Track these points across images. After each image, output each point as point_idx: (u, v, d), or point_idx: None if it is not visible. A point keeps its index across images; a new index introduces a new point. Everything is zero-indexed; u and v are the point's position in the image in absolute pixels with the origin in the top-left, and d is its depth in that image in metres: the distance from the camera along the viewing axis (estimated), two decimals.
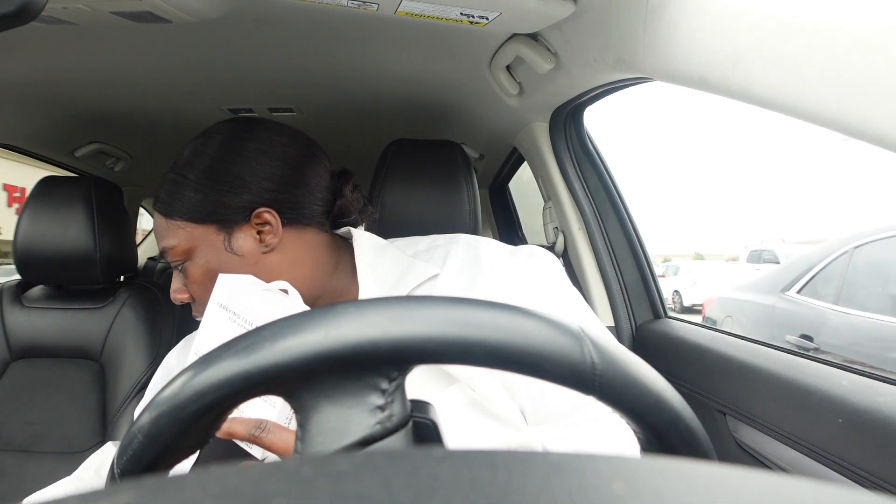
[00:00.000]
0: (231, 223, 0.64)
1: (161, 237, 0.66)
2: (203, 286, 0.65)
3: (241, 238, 0.64)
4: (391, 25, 0.90)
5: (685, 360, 0.96)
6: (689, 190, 30.41)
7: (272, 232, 0.65)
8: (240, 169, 0.64)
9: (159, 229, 0.66)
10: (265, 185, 0.64)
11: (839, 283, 2.66)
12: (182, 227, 0.64)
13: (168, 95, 1.25)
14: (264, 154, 0.65)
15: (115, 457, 0.30)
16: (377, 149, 1.04)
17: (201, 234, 0.64)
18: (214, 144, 0.65)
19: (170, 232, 0.65)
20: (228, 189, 0.63)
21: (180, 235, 0.64)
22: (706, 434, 0.30)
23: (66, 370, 1.17)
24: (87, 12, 0.79)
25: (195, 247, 0.64)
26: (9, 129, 1.37)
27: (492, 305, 0.28)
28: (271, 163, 0.65)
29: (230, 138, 0.65)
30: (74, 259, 1.14)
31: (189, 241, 0.64)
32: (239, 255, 0.64)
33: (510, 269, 0.65)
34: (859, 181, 15.92)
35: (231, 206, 0.63)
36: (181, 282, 0.67)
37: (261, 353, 0.27)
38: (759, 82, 0.52)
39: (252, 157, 0.64)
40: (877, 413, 0.59)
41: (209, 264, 0.64)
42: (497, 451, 0.15)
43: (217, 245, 0.64)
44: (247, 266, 0.64)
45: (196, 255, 0.65)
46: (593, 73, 0.88)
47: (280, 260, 0.66)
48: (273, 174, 0.65)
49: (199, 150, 0.65)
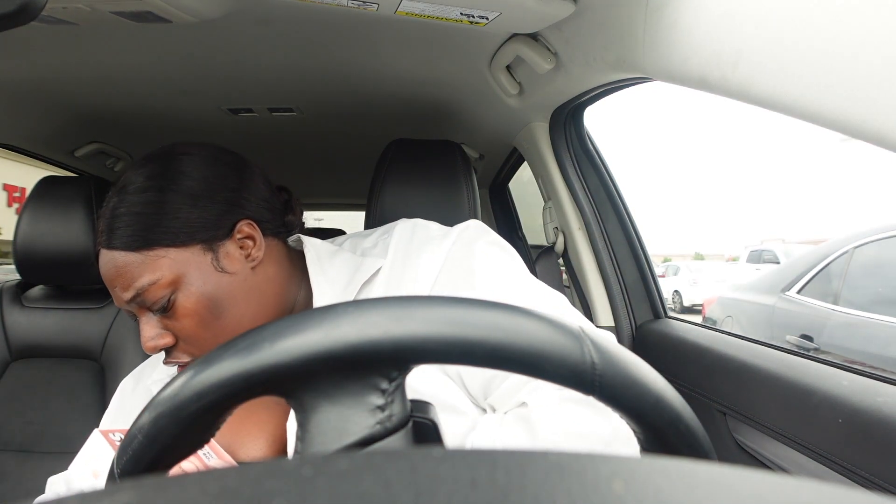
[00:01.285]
0: (216, 240, 0.61)
1: (131, 277, 0.58)
2: (198, 319, 0.59)
3: (227, 255, 0.61)
4: (391, 25, 0.90)
5: (685, 360, 0.96)
6: (689, 190, 30.26)
7: (256, 245, 0.63)
8: (222, 183, 0.62)
9: (126, 269, 0.58)
10: (244, 197, 0.63)
11: (839, 284, 2.66)
12: (164, 256, 0.58)
13: (168, 95, 1.25)
14: (234, 169, 0.64)
15: (115, 457, 0.30)
16: (377, 149, 1.04)
17: (187, 257, 0.59)
18: (192, 163, 0.62)
19: (147, 266, 0.58)
20: (210, 204, 0.61)
21: (163, 266, 0.58)
22: (706, 434, 0.30)
23: (66, 370, 1.17)
24: (87, 12, 0.79)
25: (183, 274, 0.59)
26: (9, 129, 1.37)
27: (492, 305, 0.28)
28: (244, 176, 0.65)
29: (207, 157, 0.64)
30: (74, 259, 1.14)
31: (174, 269, 0.58)
32: (231, 273, 0.61)
33: (441, 250, 0.63)
34: (859, 181, 15.83)
35: (217, 221, 0.61)
36: (159, 326, 0.60)
37: (261, 353, 0.27)
38: (759, 82, 0.52)
39: (228, 173, 0.64)
40: (877, 413, 0.59)
41: (202, 289, 0.59)
42: (497, 451, 0.15)
43: (206, 266, 0.60)
44: (238, 284, 0.61)
45: (185, 283, 0.59)
46: (593, 73, 0.88)
47: (265, 274, 0.64)
48: (248, 187, 0.64)
49: (167, 171, 0.61)
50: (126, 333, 1.18)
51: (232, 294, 0.61)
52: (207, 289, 0.59)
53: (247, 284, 0.62)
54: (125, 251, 0.58)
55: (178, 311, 0.59)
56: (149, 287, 0.58)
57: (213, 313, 0.60)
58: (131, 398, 0.74)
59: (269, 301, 0.64)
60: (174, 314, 0.59)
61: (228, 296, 0.61)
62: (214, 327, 0.60)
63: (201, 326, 0.60)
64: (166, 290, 0.58)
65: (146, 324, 0.60)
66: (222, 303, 0.60)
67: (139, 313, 0.60)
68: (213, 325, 0.60)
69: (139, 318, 0.61)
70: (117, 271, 0.59)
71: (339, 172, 2.02)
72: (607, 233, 1.20)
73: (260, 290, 0.63)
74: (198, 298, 0.59)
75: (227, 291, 0.60)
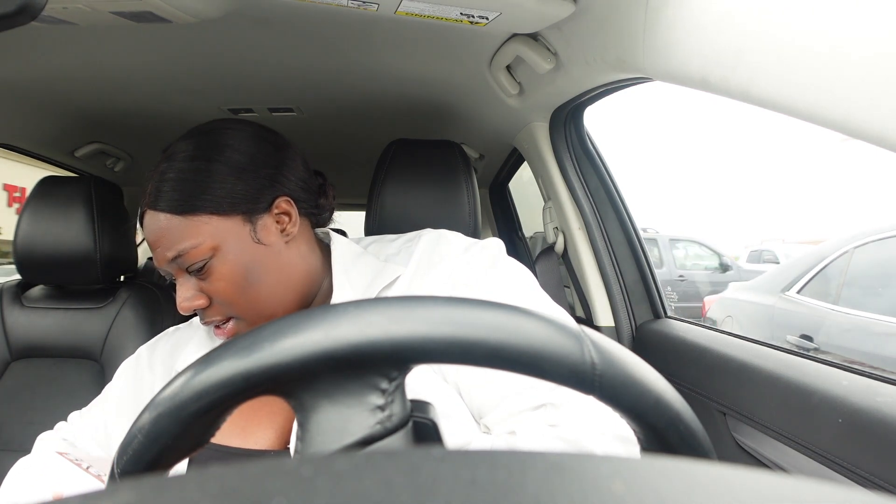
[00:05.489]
0: (255, 212, 0.64)
1: (174, 240, 0.61)
2: (233, 284, 0.62)
3: (264, 228, 0.64)
4: (391, 25, 0.90)
5: (685, 360, 0.96)
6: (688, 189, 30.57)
7: (291, 221, 0.66)
8: (266, 159, 0.65)
9: (170, 231, 0.61)
10: (285, 175, 0.66)
11: (839, 284, 2.66)
12: (206, 223, 0.61)
13: (168, 95, 1.25)
14: (276, 147, 0.67)
15: (115, 457, 0.30)
16: (377, 149, 1.05)
17: (228, 226, 0.62)
18: (238, 137, 0.65)
19: (190, 230, 0.61)
20: (253, 178, 0.63)
21: (205, 232, 0.61)
22: (706, 434, 0.30)
23: (66, 370, 1.17)
24: (87, 12, 0.79)
25: (223, 241, 0.62)
26: (9, 129, 1.37)
27: (492, 305, 0.28)
28: (286, 154, 0.67)
29: (252, 134, 0.66)
30: (74, 259, 1.14)
31: (215, 236, 0.61)
32: (266, 245, 0.64)
33: (460, 263, 0.65)
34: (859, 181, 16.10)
35: (258, 194, 0.63)
36: (194, 288, 0.63)
37: (261, 352, 0.27)
38: (760, 82, 0.52)
39: (272, 150, 0.66)
40: (877, 413, 0.59)
41: (239, 258, 0.62)
42: (497, 451, 0.15)
43: (244, 236, 0.63)
44: (272, 256, 0.64)
45: (224, 250, 0.62)
46: (593, 73, 0.88)
47: (296, 251, 0.67)
48: (289, 166, 0.67)
49: (215, 143, 0.64)
50: (126, 333, 1.18)
51: (265, 264, 0.64)
52: (243, 257, 0.63)
53: (280, 257, 0.65)
54: (170, 213, 0.61)
55: (213, 275, 0.62)
56: (190, 250, 0.61)
57: (247, 280, 0.63)
58: (149, 374, 0.74)
59: (297, 276, 0.67)
60: (210, 277, 0.62)
61: (261, 266, 0.64)
62: (247, 293, 0.63)
63: (234, 291, 0.63)
64: (205, 255, 0.61)
65: (182, 285, 0.63)
66: (255, 272, 0.63)
67: (177, 274, 0.64)
68: (246, 291, 0.63)
69: (176, 279, 0.64)
70: (161, 232, 0.62)
71: (340, 172, 2.02)
72: (607, 233, 1.20)
73: (291, 264, 0.66)
74: (234, 265, 0.62)
75: (260, 262, 0.63)
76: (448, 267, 0.65)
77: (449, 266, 0.65)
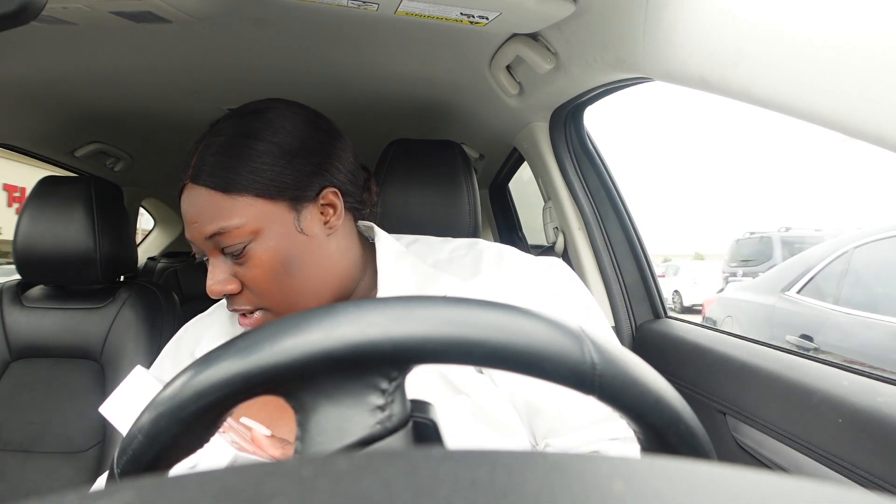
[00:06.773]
0: (302, 200, 0.61)
1: (215, 216, 0.58)
2: (269, 272, 0.59)
3: (308, 218, 0.62)
4: (391, 25, 0.89)
5: (685, 360, 0.96)
6: (689, 189, 30.23)
7: (336, 214, 0.64)
8: (318, 146, 0.63)
9: (211, 208, 0.58)
10: (335, 165, 0.64)
11: (839, 284, 2.66)
12: (251, 204, 0.58)
13: (168, 95, 1.25)
14: (329, 136, 0.65)
15: (115, 457, 0.30)
16: (377, 149, 1.04)
17: (273, 211, 0.59)
18: (293, 120, 0.63)
19: (235, 209, 0.58)
20: (304, 165, 0.61)
21: (248, 213, 0.58)
22: (706, 434, 0.30)
23: (66, 370, 1.17)
24: (87, 12, 0.79)
25: (265, 226, 0.59)
26: (9, 129, 1.37)
27: (492, 305, 0.28)
28: (338, 145, 0.65)
29: (306, 118, 0.64)
30: (74, 259, 1.14)
31: (258, 219, 0.59)
32: (308, 236, 0.61)
33: (537, 280, 0.65)
34: (859, 181, 15.75)
35: (306, 182, 0.61)
36: (228, 271, 0.60)
37: (261, 353, 0.27)
38: (759, 82, 0.52)
39: (325, 138, 0.64)
40: (877, 413, 0.59)
41: (280, 245, 0.60)
42: (497, 451, 0.15)
43: (288, 224, 0.60)
44: (313, 247, 0.62)
45: (265, 235, 0.59)
46: (593, 73, 0.88)
47: (336, 245, 0.65)
48: (340, 157, 0.65)
49: (268, 122, 0.62)
50: (126, 333, 1.18)
51: (304, 256, 0.61)
52: (284, 245, 0.60)
53: (320, 250, 0.63)
54: (211, 189, 0.58)
55: (251, 259, 0.59)
56: (232, 230, 0.58)
57: (285, 269, 0.60)
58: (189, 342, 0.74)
59: (336, 271, 0.65)
60: (246, 262, 0.59)
61: (301, 257, 0.61)
62: (282, 283, 0.61)
63: (270, 279, 0.60)
64: (246, 238, 0.58)
65: (216, 266, 0.60)
66: (294, 262, 0.61)
67: (211, 254, 0.60)
68: (282, 280, 0.61)
69: (210, 259, 0.61)
70: (200, 207, 0.59)
71: None
72: (607, 233, 1.20)
73: (331, 258, 0.64)
74: (273, 253, 0.59)
75: (300, 252, 0.61)
76: (524, 280, 0.64)
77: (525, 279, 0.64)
